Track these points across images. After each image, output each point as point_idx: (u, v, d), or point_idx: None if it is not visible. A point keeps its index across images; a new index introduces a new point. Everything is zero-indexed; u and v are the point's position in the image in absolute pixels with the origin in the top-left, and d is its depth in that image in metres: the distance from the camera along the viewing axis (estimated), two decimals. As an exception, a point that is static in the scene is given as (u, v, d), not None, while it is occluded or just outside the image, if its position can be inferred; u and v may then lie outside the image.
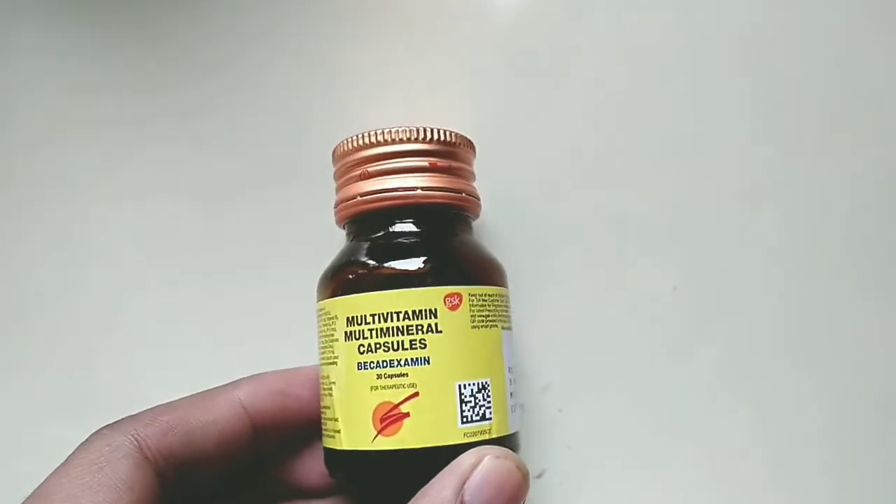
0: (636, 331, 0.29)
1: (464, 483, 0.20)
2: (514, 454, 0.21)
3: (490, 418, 0.23)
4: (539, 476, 0.29)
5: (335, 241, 0.27)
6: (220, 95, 0.32)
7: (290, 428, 0.26)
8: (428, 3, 0.32)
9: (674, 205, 0.30)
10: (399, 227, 0.25)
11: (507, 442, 0.24)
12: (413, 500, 0.20)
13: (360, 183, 0.25)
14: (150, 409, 0.23)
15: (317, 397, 0.25)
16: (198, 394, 0.24)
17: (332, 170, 0.27)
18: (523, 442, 0.28)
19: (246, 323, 0.31)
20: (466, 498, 0.20)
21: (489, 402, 0.23)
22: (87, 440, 0.22)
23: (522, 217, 0.30)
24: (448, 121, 0.27)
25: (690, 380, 0.29)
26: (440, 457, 0.22)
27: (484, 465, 0.20)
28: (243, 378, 0.25)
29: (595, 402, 0.29)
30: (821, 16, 0.31)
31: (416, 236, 0.24)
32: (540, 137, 0.31)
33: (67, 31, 0.33)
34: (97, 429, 0.22)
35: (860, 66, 0.31)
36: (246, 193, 0.32)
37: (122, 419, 0.23)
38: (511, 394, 0.24)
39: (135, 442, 0.22)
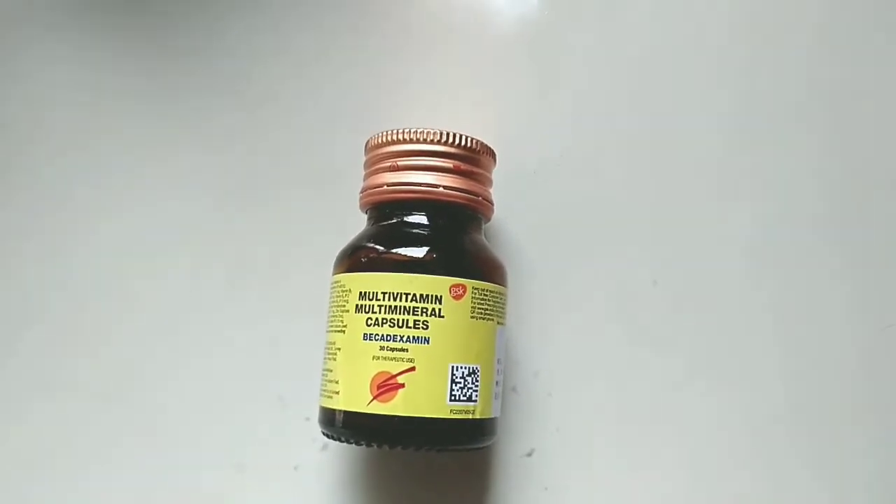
0: (620, 322, 0.32)
1: None
2: None
3: (476, 400, 0.25)
4: (529, 455, 0.31)
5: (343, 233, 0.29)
6: (235, 100, 0.35)
7: None
8: (434, 9, 0.35)
9: (655, 203, 0.33)
10: (417, 219, 0.27)
11: (488, 425, 0.26)
12: None
13: (388, 174, 0.27)
14: None
15: None
16: None
17: (362, 160, 0.29)
18: (515, 423, 0.31)
19: (258, 311, 0.33)
20: None
21: (477, 386, 0.25)
22: None
23: (514, 213, 0.33)
24: (435, 121, 0.29)
25: (670, 367, 0.32)
26: (427, 427, 0.24)
27: None
28: None
29: (582, 387, 0.32)
30: (792, 22, 0.34)
31: (432, 229, 0.27)
32: (525, 137, 0.33)
33: (86, 41, 0.36)
34: None
35: (827, 69, 0.34)
36: (260, 192, 0.34)
37: None
38: (497, 383, 0.27)
39: None
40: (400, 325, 0.25)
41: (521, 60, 0.35)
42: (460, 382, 0.25)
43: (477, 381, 0.25)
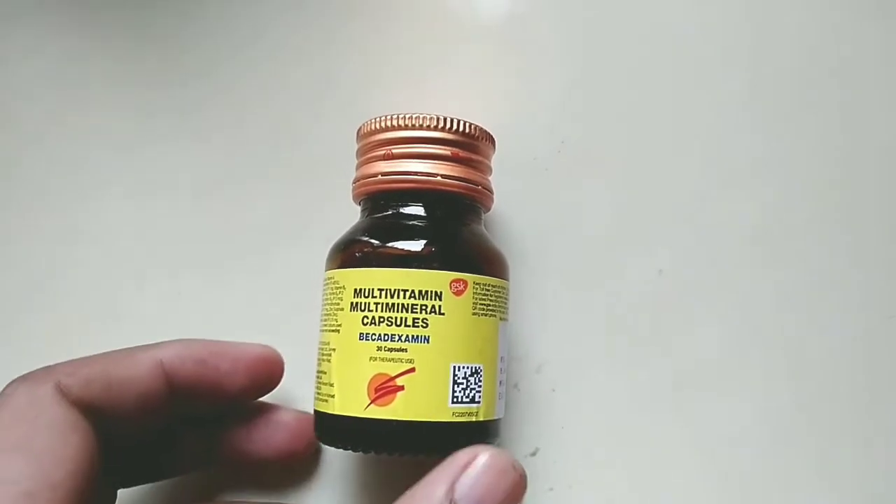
0: (625, 313, 0.31)
1: (455, 481, 0.19)
2: (509, 454, 0.20)
3: (479, 402, 0.24)
4: (534, 454, 0.30)
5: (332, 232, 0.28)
6: (217, 91, 0.33)
7: (207, 397, 0.26)
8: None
9: (660, 191, 0.31)
10: (413, 210, 0.25)
11: (492, 427, 0.25)
12: (404, 495, 0.20)
13: (382, 162, 0.26)
14: (69, 361, 0.23)
15: (235, 372, 0.26)
16: (119, 350, 0.24)
17: (354, 148, 0.28)
18: (519, 421, 0.30)
19: (245, 310, 0.32)
20: (456, 496, 0.19)
21: (480, 386, 0.24)
22: (4, 393, 0.21)
23: (516, 205, 0.31)
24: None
25: (677, 361, 0.30)
26: (428, 431, 0.23)
27: (477, 463, 0.19)
28: (170, 341, 0.25)
29: (587, 382, 0.30)
30: (799, 11, 0.33)
31: (429, 220, 0.25)
32: (524, 124, 0.32)
33: (65, 30, 0.34)
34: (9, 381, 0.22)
35: (837, 56, 0.32)
36: (243, 186, 0.32)
37: (37, 371, 0.22)
38: (500, 382, 0.25)
39: (58, 390, 0.21)
40: (398, 323, 0.23)
41: (520, 45, 0.33)
42: (462, 383, 0.24)
43: (480, 381, 0.24)
